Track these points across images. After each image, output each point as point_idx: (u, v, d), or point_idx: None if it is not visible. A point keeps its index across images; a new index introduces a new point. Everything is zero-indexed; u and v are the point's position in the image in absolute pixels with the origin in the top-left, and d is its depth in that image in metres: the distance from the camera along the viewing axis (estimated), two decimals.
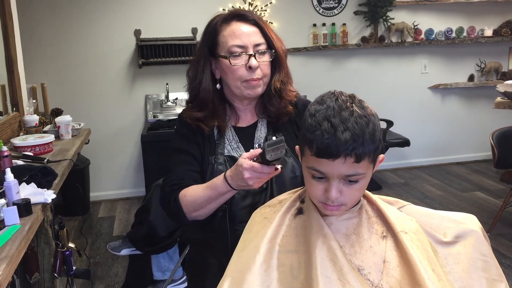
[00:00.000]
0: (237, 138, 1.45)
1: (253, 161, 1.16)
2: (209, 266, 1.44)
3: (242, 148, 1.43)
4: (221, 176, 1.26)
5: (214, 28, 1.41)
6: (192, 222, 1.36)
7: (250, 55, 1.35)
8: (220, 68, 1.41)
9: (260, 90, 1.40)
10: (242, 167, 1.16)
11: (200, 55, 1.43)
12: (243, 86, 1.38)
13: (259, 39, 1.38)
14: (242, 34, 1.37)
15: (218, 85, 1.44)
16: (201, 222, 1.37)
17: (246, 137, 1.45)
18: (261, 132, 1.46)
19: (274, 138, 1.41)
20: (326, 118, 0.93)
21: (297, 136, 1.47)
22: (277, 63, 1.43)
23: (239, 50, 1.36)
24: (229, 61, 1.36)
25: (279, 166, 1.16)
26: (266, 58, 1.39)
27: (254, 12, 1.44)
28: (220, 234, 1.37)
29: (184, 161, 1.42)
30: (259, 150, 1.16)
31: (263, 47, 1.38)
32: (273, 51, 1.40)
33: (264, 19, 1.45)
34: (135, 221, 2.66)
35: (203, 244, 1.47)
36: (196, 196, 1.31)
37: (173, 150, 1.46)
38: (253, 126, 1.48)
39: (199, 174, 1.41)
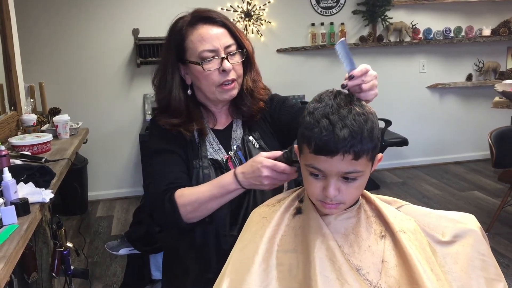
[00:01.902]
0: (217, 140, 1.41)
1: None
2: (188, 272, 1.39)
3: (224, 150, 1.40)
4: (229, 173, 1.22)
5: (180, 33, 1.34)
6: (185, 226, 1.28)
7: (222, 58, 1.31)
8: (191, 74, 1.36)
9: (235, 92, 1.37)
10: (262, 164, 1.14)
11: (166, 63, 1.37)
12: (217, 91, 1.34)
13: (229, 40, 1.33)
14: (211, 37, 1.31)
15: (189, 91, 1.39)
16: (186, 228, 1.30)
17: (224, 139, 1.42)
18: (237, 133, 1.44)
19: (250, 137, 1.41)
20: (324, 115, 0.93)
21: (273, 133, 1.46)
22: (248, 62, 1.40)
23: (210, 54, 1.30)
24: (202, 67, 1.31)
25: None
26: (238, 58, 1.35)
27: (219, 13, 1.38)
28: (202, 240, 1.34)
29: (172, 161, 1.34)
30: (280, 152, 1.15)
31: (233, 48, 1.34)
32: (245, 50, 1.37)
33: (231, 20, 1.40)
34: (133, 221, 2.66)
35: (182, 250, 1.42)
36: (198, 194, 1.23)
37: (155, 152, 1.36)
38: (229, 128, 1.45)
39: (188, 176, 1.34)
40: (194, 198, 1.24)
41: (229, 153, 1.40)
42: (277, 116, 1.45)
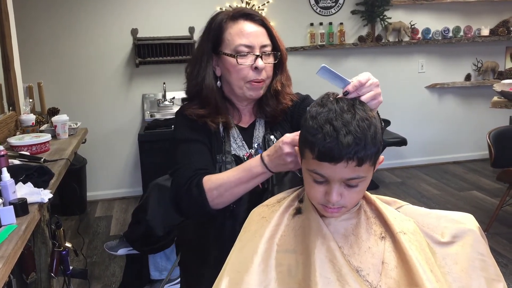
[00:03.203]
0: (241, 136, 1.44)
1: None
2: (205, 267, 1.41)
3: (246, 147, 1.43)
4: (256, 157, 1.23)
5: (220, 25, 1.37)
6: (211, 211, 1.27)
7: (256, 56, 1.34)
8: (222, 66, 1.39)
9: (262, 92, 1.39)
10: (282, 142, 1.15)
11: (202, 51, 1.40)
12: (246, 86, 1.36)
13: (266, 40, 1.37)
14: (250, 33, 1.35)
15: (218, 83, 1.41)
16: (203, 219, 1.33)
17: (247, 136, 1.45)
18: (259, 132, 1.46)
19: (272, 136, 1.42)
20: (327, 121, 0.92)
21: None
22: (280, 65, 1.43)
23: (246, 49, 1.34)
24: (236, 60, 1.34)
25: None
26: (271, 60, 1.38)
27: (260, 14, 1.42)
28: (220, 233, 1.36)
29: (201, 151, 1.35)
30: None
31: (269, 49, 1.37)
32: (279, 53, 1.39)
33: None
34: (132, 221, 2.66)
35: (199, 244, 1.44)
36: (225, 179, 1.24)
37: (182, 140, 1.37)
38: (252, 126, 1.47)
39: (214, 167, 1.35)
40: (220, 182, 1.24)
41: (250, 150, 1.42)
42: (296, 116, 1.46)
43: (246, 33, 1.34)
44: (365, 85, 1.00)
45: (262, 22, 1.38)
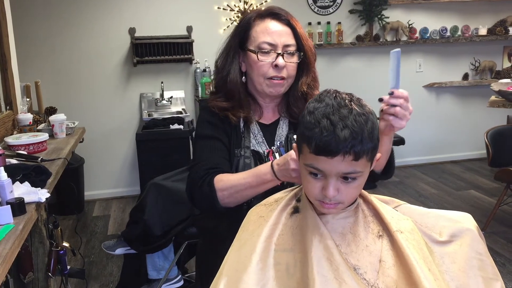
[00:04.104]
0: (261, 133, 1.46)
1: None
2: (219, 258, 1.42)
3: (266, 144, 1.45)
4: (267, 164, 1.25)
5: (248, 21, 1.43)
6: (222, 209, 1.32)
7: (278, 54, 1.37)
8: (246, 62, 1.43)
9: (282, 89, 1.42)
10: (290, 157, 1.15)
11: (230, 46, 1.45)
12: (265, 83, 1.40)
13: (290, 40, 1.40)
14: (274, 32, 1.39)
15: (243, 78, 1.45)
16: (215, 214, 1.36)
17: (269, 133, 1.47)
18: (282, 130, 1.48)
19: (295, 136, 1.42)
20: (325, 115, 0.93)
21: None
22: (305, 66, 1.45)
23: (268, 47, 1.38)
24: (257, 56, 1.38)
25: None
26: (294, 59, 1.41)
27: (288, 14, 1.45)
28: (235, 226, 1.36)
29: (215, 148, 1.41)
30: None
31: (292, 48, 1.40)
32: (302, 53, 1.42)
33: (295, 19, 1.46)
34: (130, 220, 2.66)
35: (214, 234, 1.47)
36: (235, 181, 1.28)
37: (201, 136, 1.44)
38: (275, 124, 1.49)
39: (229, 163, 1.40)
40: (231, 184, 1.29)
41: (272, 148, 1.45)
42: None
43: (271, 32, 1.39)
44: (408, 103, 1.11)
45: (288, 22, 1.42)
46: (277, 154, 1.43)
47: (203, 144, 1.42)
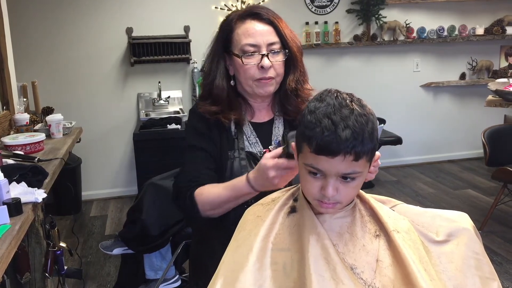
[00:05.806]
0: (255, 133, 1.45)
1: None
2: (210, 258, 1.42)
3: (260, 144, 1.44)
4: (242, 178, 1.25)
5: (229, 24, 1.40)
6: (205, 220, 1.34)
7: (263, 55, 1.35)
8: (233, 65, 1.41)
9: (272, 89, 1.40)
10: (266, 166, 1.15)
11: (214, 51, 1.43)
12: (254, 84, 1.38)
13: (273, 38, 1.38)
14: (256, 33, 1.36)
15: (232, 82, 1.44)
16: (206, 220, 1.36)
17: (263, 133, 1.46)
18: (278, 129, 1.47)
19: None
20: (326, 115, 0.92)
21: None
22: (292, 63, 1.43)
23: (251, 49, 1.36)
24: (242, 60, 1.35)
25: None
26: (280, 57, 1.39)
27: (269, 11, 1.44)
28: (225, 224, 1.36)
29: (199, 158, 1.40)
30: (281, 149, 1.15)
31: (276, 47, 1.38)
32: (287, 51, 1.39)
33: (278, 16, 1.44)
34: (127, 220, 2.65)
35: (204, 233, 1.47)
36: (215, 196, 1.29)
37: (187, 145, 1.45)
38: (270, 123, 1.48)
39: (214, 172, 1.40)
40: (211, 198, 1.30)
41: (269, 147, 1.43)
42: None
43: (252, 33, 1.36)
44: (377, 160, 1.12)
45: (269, 20, 1.39)
46: None
47: (188, 153, 1.43)
